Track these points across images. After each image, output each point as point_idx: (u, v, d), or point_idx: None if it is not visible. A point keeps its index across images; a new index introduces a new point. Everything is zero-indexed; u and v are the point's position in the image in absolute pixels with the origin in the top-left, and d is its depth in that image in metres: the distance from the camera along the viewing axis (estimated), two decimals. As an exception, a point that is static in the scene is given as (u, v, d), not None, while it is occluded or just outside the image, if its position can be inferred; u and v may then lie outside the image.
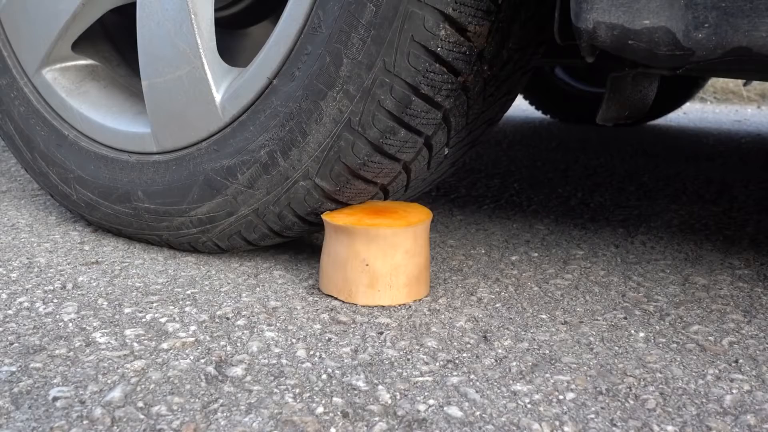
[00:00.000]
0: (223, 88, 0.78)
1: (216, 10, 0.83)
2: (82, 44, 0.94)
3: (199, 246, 0.85)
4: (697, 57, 0.58)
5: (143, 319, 0.66)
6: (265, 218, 0.78)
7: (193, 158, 0.80)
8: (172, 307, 0.69)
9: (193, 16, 0.76)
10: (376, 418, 0.50)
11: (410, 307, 0.71)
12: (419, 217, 0.73)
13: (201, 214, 0.81)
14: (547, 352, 0.62)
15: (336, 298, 0.73)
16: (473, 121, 0.78)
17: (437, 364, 0.59)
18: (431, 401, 0.52)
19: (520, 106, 3.27)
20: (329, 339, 0.63)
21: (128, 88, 0.97)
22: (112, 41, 1.01)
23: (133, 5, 0.83)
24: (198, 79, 0.78)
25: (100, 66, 0.97)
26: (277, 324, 0.66)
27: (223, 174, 0.78)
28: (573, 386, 0.56)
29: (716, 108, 4.30)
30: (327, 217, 0.73)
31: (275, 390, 0.53)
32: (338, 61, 0.69)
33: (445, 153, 0.79)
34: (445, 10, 0.65)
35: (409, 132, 0.72)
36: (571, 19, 0.62)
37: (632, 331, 0.67)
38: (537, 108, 2.84)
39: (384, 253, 0.70)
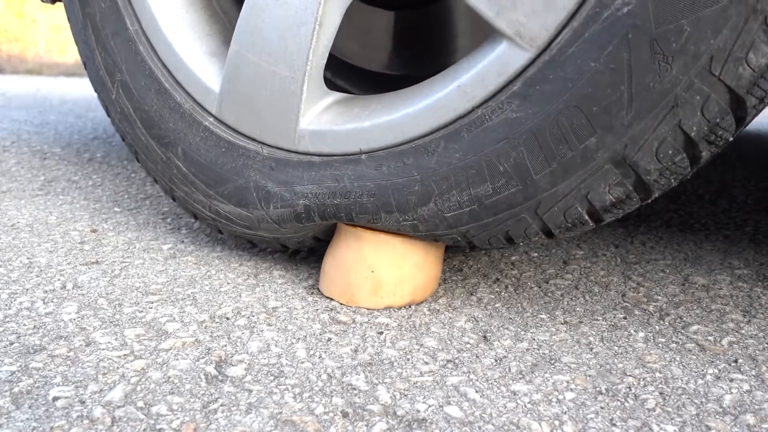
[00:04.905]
0: (312, 114, 0.70)
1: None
2: None
3: (200, 219, 0.82)
4: None
5: (143, 319, 0.66)
6: (280, 242, 0.78)
7: (246, 156, 0.73)
8: (172, 307, 0.69)
9: (318, 26, 0.66)
10: (376, 418, 0.50)
11: (410, 306, 0.71)
12: None
13: (222, 210, 0.77)
14: (547, 352, 0.62)
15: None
16: None
17: (437, 364, 0.59)
18: (431, 401, 0.52)
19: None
20: (329, 339, 0.63)
21: (212, 4, 0.84)
22: None
23: None
24: (290, 92, 0.69)
25: None
26: (277, 324, 0.66)
27: (261, 195, 0.73)
28: (573, 386, 0.56)
29: (716, 108, 4.29)
30: None
31: (275, 390, 0.53)
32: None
33: None
34: None
35: None
36: None
37: (632, 331, 0.67)
38: None
39: (392, 262, 0.69)
